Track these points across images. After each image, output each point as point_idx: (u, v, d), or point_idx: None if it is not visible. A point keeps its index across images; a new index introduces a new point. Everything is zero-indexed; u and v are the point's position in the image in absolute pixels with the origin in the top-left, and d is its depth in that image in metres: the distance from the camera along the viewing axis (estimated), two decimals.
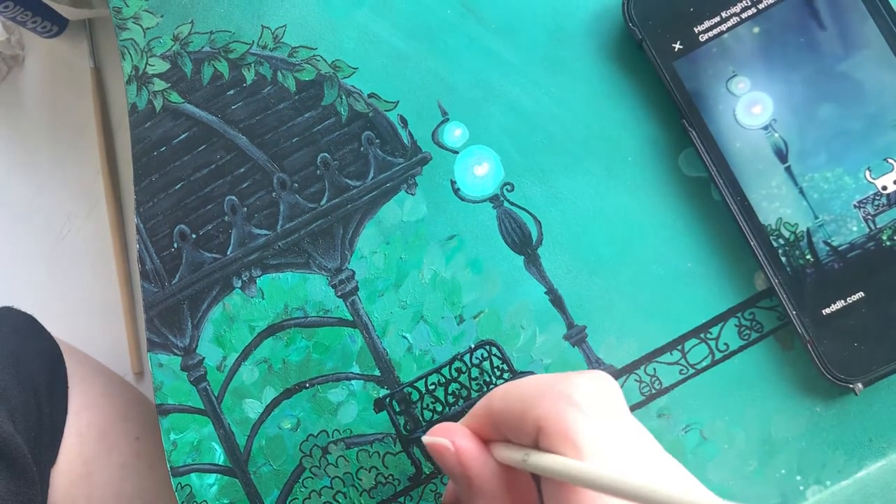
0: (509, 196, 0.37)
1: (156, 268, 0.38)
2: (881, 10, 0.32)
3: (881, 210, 0.32)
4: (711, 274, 0.35)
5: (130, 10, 0.40)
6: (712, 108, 0.34)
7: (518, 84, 0.37)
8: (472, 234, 0.37)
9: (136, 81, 0.39)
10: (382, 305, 0.37)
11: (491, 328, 0.36)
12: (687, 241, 0.35)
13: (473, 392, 0.36)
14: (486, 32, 0.37)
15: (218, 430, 0.37)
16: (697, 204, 0.35)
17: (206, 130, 0.39)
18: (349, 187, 0.38)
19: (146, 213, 0.39)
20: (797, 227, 0.33)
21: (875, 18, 0.32)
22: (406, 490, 0.36)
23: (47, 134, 0.55)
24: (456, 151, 0.37)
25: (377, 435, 0.37)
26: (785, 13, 0.33)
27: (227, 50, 0.39)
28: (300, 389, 0.37)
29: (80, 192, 0.53)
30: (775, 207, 0.33)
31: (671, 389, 0.35)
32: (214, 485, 0.37)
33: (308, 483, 0.37)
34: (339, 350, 0.37)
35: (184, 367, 0.38)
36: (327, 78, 0.38)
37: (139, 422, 0.47)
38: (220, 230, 0.38)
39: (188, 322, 0.38)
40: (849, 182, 0.33)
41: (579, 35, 0.37)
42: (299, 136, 0.38)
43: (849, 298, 0.32)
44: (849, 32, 0.33)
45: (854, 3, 0.33)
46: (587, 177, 0.36)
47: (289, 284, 0.38)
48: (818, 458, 0.34)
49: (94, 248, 0.51)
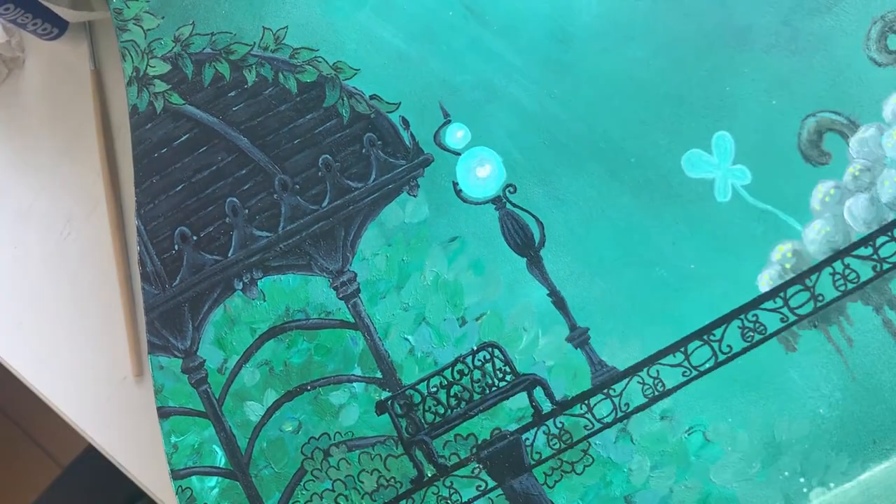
0: (511, 198, 0.36)
1: (156, 270, 0.38)
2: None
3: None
4: (714, 276, 0.35)
5: (131, 12, 0.40)
6: None
7: (520, 85, 0.37)
8: (475, 235, 0.37)
9: (137, 83, 0.39)
10: (384, 307, 0.37)
11: (493, 330, 0.36)
12: (690, 242, 0.35)
13: (476, 394, 0.36)
14: (487, 34, 0.37)
15: (219, 432, 0.37)
16: (700, 205, 0.35)
17: (208, 132, 0.39)
18: (351, 189, 0.37)
19: (147, 215, 0.39)
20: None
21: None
22: (408, 493, 0.36)
23: (47, 136, 0.54)
24: (458, 153, 0.37)
25: (379, 437, 0.36)
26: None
27: (228, 51, 0.39)
28: (302, 392, 0.37)
29: (81, 194, 0.52)
30: None
31: (674, 391, 0.35)
32: (215, 487, 0.37)
33: (309, 486, 0.37)
34: (341, 352, 0.37)
35: (185, 370, 0.38)
36: (329, 79, 0.38)
37: None
38: (222, 232, 0.38)
39: (189, 324, 0.38)
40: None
41: (581, 36, 0.36)
42: (301, 137, 0.38)
43: None
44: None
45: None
46: (590, 178, 0.36)
47: (290, 286, 0.37)
48: (822, 461, 0.34)
49: (94, 250, 0.51)
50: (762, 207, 0.35)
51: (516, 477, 0.35)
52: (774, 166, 0.35)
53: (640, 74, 0.36)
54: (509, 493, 0.35)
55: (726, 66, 0.36)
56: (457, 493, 0.36)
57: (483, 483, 0.36)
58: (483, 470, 0.36)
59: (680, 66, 0.36)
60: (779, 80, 0.35)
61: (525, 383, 0.36)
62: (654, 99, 0.36)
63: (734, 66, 0.36)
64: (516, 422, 0.36)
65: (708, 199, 0.35)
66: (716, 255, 0.35)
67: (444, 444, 0.36)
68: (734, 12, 0.36)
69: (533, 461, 0.35)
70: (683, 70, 0.36)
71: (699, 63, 0.36)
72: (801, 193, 0.35)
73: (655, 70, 0.36)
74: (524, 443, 0.35)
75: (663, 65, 0.36)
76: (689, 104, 0.36)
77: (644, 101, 0.36)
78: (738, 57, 0.36)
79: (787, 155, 0.35)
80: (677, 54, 0.36)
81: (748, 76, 0.35)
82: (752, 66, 0.35)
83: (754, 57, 0.35)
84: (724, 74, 0.35)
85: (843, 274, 0.35)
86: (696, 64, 0.36)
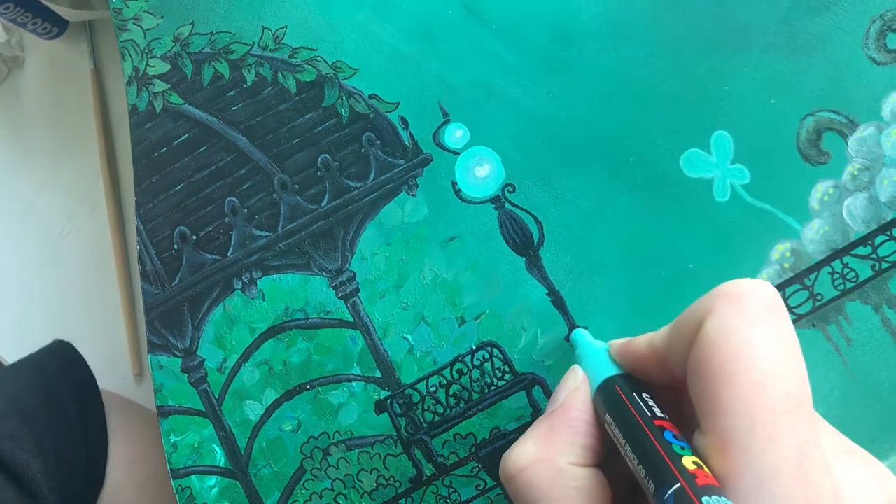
0: (511, 197, 0.36)
1: (156, 269, 0.38)
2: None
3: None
4: (713, 275, 0.35)
5: (131, 12, 0.40)
6: None
7: (519, 85, 0.37)
8: (474, 235, 0.37)
9: (137, 83, 0.39)
10: (383, 307, 0.37)
11: (492, 330, 0.36)
12: (689, 242, 0.35)
13: (475, 394, 0.36)
14: (487, 33, 0.37)
15: (218, 431, 0.37)
16: (699, 205, 0.35)
17: (207, 132, 0.39)
18: (350, 188, 0.38)
19: (146, 215, 0.39)
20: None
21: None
22: (407, 492, 0.36)
23: (47, 135, 0.55)
24: (457, 152, 0.37)
25: (378, 437, 0.36)
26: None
27: (227, 51, 0.39)
28: (301, 391, 0.37)
29: (81, 194, 0.53)
30: None
31: None
32: (215, 487, 0.37)
33: (309, 485, 0.37)
34: (340, 352, 0.37)
35: (184, 369, 0.38)
36: (328, 79, 0.38)
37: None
38: (221, 231, 0.38)
39: (189, 324, 0.38)
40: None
41: (580, 36, 0.36)
42: (300, 137, 0.38)
43: None
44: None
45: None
46: (589, 177, 0.36)
47: (289, 286, 0.37)
48: None
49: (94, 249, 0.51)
50: (761, 207, 0.35)
51: None
52: (773, 166, 0.35)
53: (639, 74, 0.36)
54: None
55: (725, 65, 0.36)
56: (456, 492, 0.36)
57: (482, 482, 0.36)
58: (482, 469, 0.36)
59: (679, 66, 0.36)
60: (777, 79, 0.35)
61: (524, 383, 0.36)
62: (653, 98, 0.36)
63: (733, 66, 0.36)
64: (515, 421, 0.36)
65: (707, 199, 0.35)
66: (715, 254, 0.35)
67: (444, 444, 0.36)
68: (733, 12, 0.36)
69: None
70: (682, 70, 0.36)
71: (698, 62, 0.36)
72: (799, 193, 0.35)
73: (654, 69, 0.36)
74: None
75: (662, 64, 0.36)
76: (688, 104, 0.36)
77: (643, 100, 0.36)
78: (736, 56, 0.36)
79: (785, 154, 0.35)
80: (676, 54, 0.36)
81: (747, 75, 0.35)
82: (751, 65, 0.35)
83: (753, 56, 0.35)
84: (723, 74, 0.35)
85: (842, 273, 0.35)
86: (694, 63, 0.36)
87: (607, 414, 0.26)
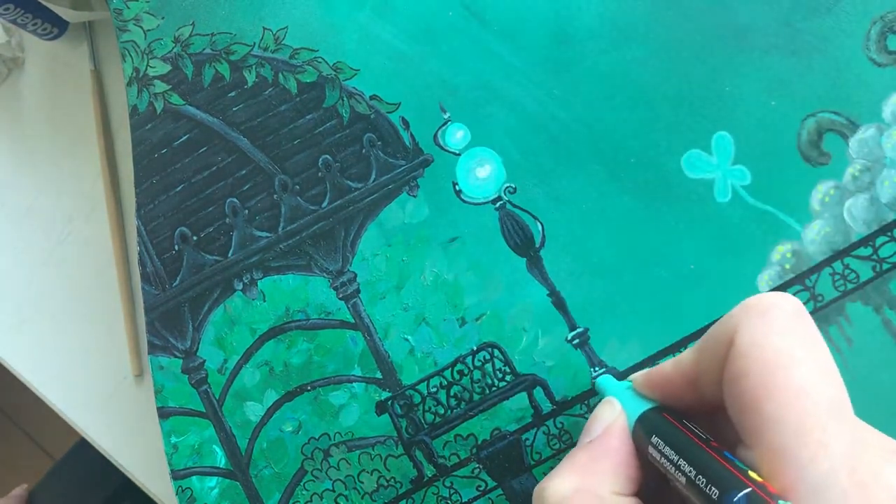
0: (511, 198, 0.36)
1: (156, 270, 0.38)
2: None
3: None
4: (714, 276, 0.35)
5: (131, 12, 0.40)
6: None
7: (520, 85, 0.37)
8: (474, 236, 0.37)
9: (137, 83, 0.39)
10: (384, 308, 0.37)
11: (493, 330, 0.36)
12: (690, 242, 0.35)
13: (476, 395, 0.36)
14: (487, 34, 0.37)
15: (219, 432, 0.37)
16: (700, 206, 0.35)
17: (208, 132, 0.39)
18: (351, 189, 0.37)
19: (147, 216, 0.39)
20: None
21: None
22: (408, 493, 0.36)
23: (47, 136, 0.55)
24: (458, 153, 0.37)
25: (379, 437, 0.36)
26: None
27: (228, 52, 0.39)
28: (301, 392, 0.37)
29: (81, 194, 0.52)
30: None
31: None
32: (216, 488, 0.37)
33: (309, 486, 0.37)
34: (341, 352, 0.37)
35: (185, 370, 0.38)
36: (329, 80, 0.38)
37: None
38: (222, 232, 0.38)
39: (189, 324, 0.38)
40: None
41: (581, 36, 0.36)
42: (301, 138, 0.38)
43: None
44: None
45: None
46: (589, 178, 0.36)
47: (290, 287, 0.37)
48: None
49: (94, 250, 0.51)
50: (762, 208, 0.35)
51: (516, 477, 0.35)
52: (774, 167, 0.35)
53: (640, 75, 0.36)
54: (509, 493, 0.35)
55: (726, 66, 0.36)
56: (457, 493, 0.36)
57: (483, 483, 0.36)
58: (483, 470, 0.36)
59: (680, 67, 0.36)
60: (779, 80, 0.35)
61: (525, 383, 0.36)
62: (654, 99, 0.36)
63: (734, 67, 0.36)
64: (516, 422, 0.36)
65: (708, 200, 0.35)
66: (715, 255, 0.35)
67: (444, 445, 0.36)
68: (734, 13, 0.36)
69: (533, 461, 0.35)
70: (683, 70, 0.36)
71: (699, 63, 0.36)
72: (800, 194, 0.35)
73: (655, 70, 0.36)
74: (524, 443, 0.35)
75: (663, 65, 0.36)
76: (689, 104, 0.36)
77: (644, 101, 0.36)
78: (737, 57, 0.36)
79: (786, 155, 0.35)
80: (677, 55, 0.36)
81: (748, 76, 0.35)
82: (752, 66, 0.35)
83: (754, 57, 0.35)
84: (724, 75, 0.35)
85: (843, 274, 0.35)
86: (695, 64, 0.36)
87: (654, 441, 0.26)
